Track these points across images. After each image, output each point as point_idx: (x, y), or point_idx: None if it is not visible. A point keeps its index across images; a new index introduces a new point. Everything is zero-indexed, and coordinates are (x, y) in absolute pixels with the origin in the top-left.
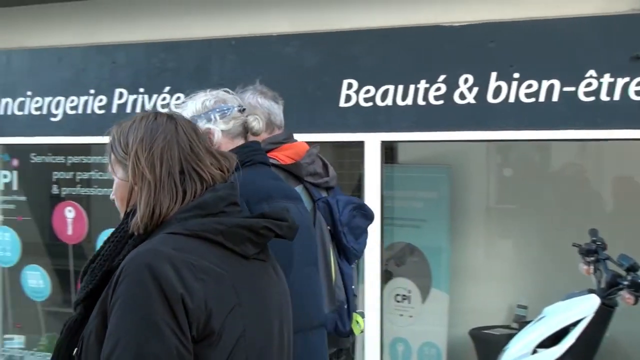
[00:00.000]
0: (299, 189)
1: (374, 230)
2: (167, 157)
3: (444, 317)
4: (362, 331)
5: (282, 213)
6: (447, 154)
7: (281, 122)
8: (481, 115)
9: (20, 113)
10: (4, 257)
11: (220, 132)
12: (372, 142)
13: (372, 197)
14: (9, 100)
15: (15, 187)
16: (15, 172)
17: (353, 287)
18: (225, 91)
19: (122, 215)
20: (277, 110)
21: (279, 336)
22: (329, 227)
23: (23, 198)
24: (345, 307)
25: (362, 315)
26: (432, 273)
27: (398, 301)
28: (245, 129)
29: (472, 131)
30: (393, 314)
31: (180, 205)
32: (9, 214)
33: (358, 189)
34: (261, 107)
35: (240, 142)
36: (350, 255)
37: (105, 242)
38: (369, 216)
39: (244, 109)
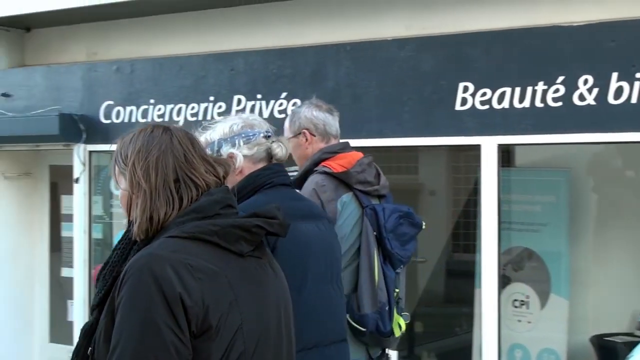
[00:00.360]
0: (348, 195)
1: (490, 235)
2: (162, 166)
3: (563, 323)
4: (403, 333)
5: (273, 211)
6: (566, 157)
7: (337, 132)
8: (601, 116)
9: (144, 120)
10: None
11: (242, 157)
12: (489, 145)
13: (488, 201)
14: (133, 108)
15: None
16: None
17: (398, 290)
18: (254, 118)
19: (125, 223)
20: (332, 121)
21: (277, 329)
22: (375, 233)
23: None
24: (387, 308)
25: (407, 317)
26: (551, 278)
27: (516, 307)
28: (269, 155)
29: (592, 133)
30: (511, 320)
31: (177, 210)
32: None
33: (474, 192)
34: (316, 119)
35: (262, 165)
36: (395, 260)
37: (113, 250)
38: (416, 224)
39: (269, 135)
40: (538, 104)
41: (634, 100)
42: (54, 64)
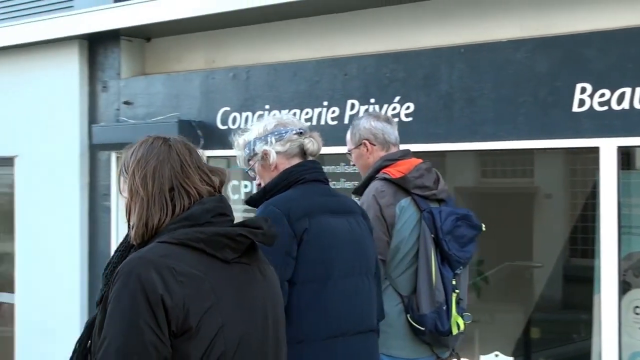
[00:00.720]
0: (407, 200)
1: (610, 240)
2: (159, 176)
3: None
4: (461, 332)
5: (259, 222)
6: None
7: (396, 139)
8: None
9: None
10: None
11: (275, 153)
12: (608, 148)
13: (607, 205)
14: (249, 113)
15: None
16: (254, 182)
17: (458, 290)
18: (287, 117)
19: (127, 228)
20: (390, 130)
21: (263, 331)
22: (432, 235)
23: None
24: (444, 308)
25: (468, 318)
26: None
27: (637, 313)
28: (302, 150)
29: None
30: (632, 327)
31: (171, 217)
32: None
33: (592, 196)
34: (375, 129)
35: (297, 161)
36: (452, 261)
37: (115, 251)
38: (475, 226)
39: (301, 132)
40: None
41: None
42: (173, 72)
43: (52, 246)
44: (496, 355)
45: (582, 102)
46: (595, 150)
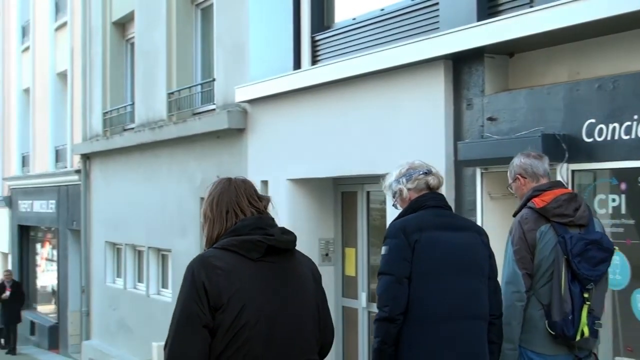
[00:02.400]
0: (546, 226)
1: None
2: (220, 203)
3: None
4: (585, 338)
5: (273, 231)
6: None
7: (544, 171)
8: None
9: (627, 137)
10: (614, 279)
11: (407, 189)
12: None
13: None
14: (616, 125)
15: (623, 210)
16: (623, 196)
17: (589, 303)
18: (418, 162)
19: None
20: (538, 164)
21: (281, 309)
22: (565, 257)
23: (631, 221)
24: (570, 317)
25: (599, 325)
26: None
27: None
28: (428, 186)
29: None
30: None
31: (224, 231)
32: (618, 237)
33: None
34: (525, 165)
35: (423, 193)
36: (582, 279)
37: None
38: (605, 249)
39: (427, 172)
40: None
41: None
42: (536, 86)
43: None
44: None
45: None
46: None
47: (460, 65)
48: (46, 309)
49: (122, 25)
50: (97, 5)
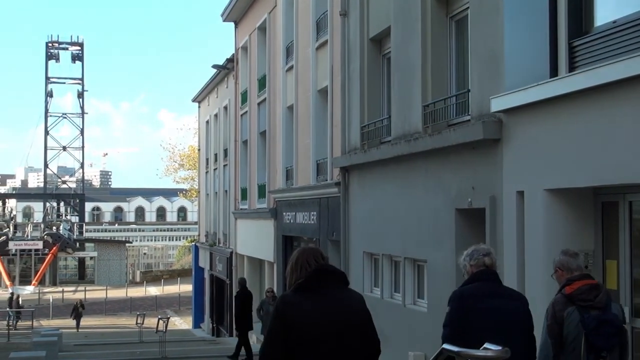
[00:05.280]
0: (572, 308)
1: None
2: (297, 266)
3: None
4: None
5: (327, 272)
6: None
7: (577, 267)
8: None
9: None
10: None
11: (469, 265)
12: None
13: None
14: None
15: None
16: None
17: None
18: (483, 246)
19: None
20: (572, 261)
21: (329, 327)
22: (584, 331)
23: None
24: None
25: None
26: None
27: None
28: (484, 264)
29: None
30: None
31: (297, 279)
32: None
33: None
34: (562, 261)
35: (480, 269)
36: (596, 348)
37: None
38: (615, 326)
39: (486, 254)
40: None
41: None
42: None
43: None
44: None
45: None
46: None
47: None
48: None
49: (379, 41)
50: (355, 23)
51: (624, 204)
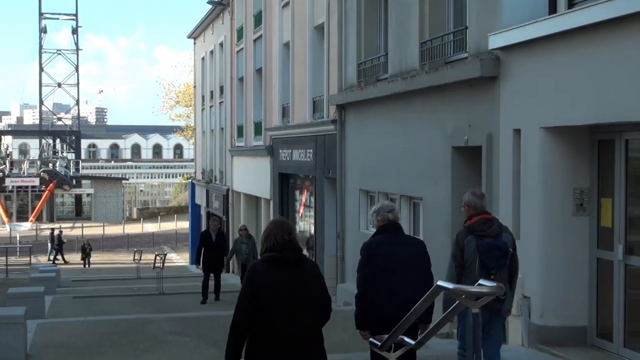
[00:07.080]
0: (471, 237)
1: None
2: (269, 235)
3: None
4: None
5: (281, 250)
6: None
7: (481, 206)
8: None
9: None
10: None
11: (377, 220)
12: None
13: None
14: None
15: None
16: None
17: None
18: (388, 203)
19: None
20: (477, 201)
21: (290, 296)
22: (478, 254)
23: None
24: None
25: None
26: None
27: None
28: (388, 219)
29: None
30: None
31: (266, 250)
32: None
33: None
34: (469, 201)
35: (385, 223)
36: (489, 267)
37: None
38: (502, 250)
39: (390, 210)
40: None
41: None
42: None
43: None
44: None
45: None
46: None
47: None
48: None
49: None
50: None
51: (620, 142)
